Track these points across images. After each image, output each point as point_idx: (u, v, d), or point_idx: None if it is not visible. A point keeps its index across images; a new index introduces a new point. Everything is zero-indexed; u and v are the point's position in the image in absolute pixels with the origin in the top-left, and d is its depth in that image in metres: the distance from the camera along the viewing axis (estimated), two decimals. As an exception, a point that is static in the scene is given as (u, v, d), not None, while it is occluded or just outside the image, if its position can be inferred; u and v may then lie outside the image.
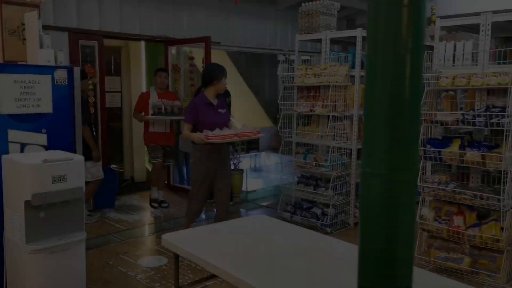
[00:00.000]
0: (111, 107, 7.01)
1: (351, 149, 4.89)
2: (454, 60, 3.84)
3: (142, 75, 7.30)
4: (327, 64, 4.93)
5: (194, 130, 3.91)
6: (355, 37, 4.80)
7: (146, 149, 5.74)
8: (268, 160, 8.73)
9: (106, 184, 5.53)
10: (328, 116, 4.76)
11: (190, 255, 2.19)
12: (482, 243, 3.50)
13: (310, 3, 5.22)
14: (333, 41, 5.29)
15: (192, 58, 6.61)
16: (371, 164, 0.95)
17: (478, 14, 3.71)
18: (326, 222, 4.78)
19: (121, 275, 3.74)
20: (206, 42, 5.88)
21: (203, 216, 5.60)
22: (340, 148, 4.87)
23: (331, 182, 4.73)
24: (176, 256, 2.34)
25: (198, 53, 6.56)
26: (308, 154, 5.09)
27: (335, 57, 4.98)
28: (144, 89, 7.33)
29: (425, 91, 3.88)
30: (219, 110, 4.02)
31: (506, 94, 3.44)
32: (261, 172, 8.09)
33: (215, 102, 4.00)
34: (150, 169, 6.53)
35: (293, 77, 5.17)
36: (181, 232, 2.68)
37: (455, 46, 3.84)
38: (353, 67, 4.85)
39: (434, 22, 4.65)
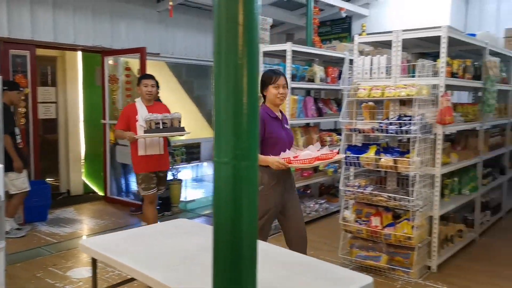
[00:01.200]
0: (46, 118, 6.84)
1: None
2: (371, 73, 4.16)
3: (78, 86, 7.20)
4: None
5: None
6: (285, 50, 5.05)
7: (136, 178, 4.50)
8: (210, 170, 8.83)
9: (37, 197, 5.38)
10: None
11: (106, 258, 2.24)
12: (396, 241, 3.78)
13: (244, 17, 5.42)
14: (267, 54, 5.51)
15: (128, 69, 6.61)
16: (219, 154, 1.12)
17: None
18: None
19: (48, 287, 3.68)
20: (142, 52, 5.92)
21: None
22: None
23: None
24: (94, 260, 2.38)
25: (136, 64, 6.58)
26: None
27: (266, 70, 5.17)
28: (81, 99, 7.20)
29: (345, 101, 4.17)
30: (285, 126, 3.36)
31: (414, 104, 3.77)
32: (202, 182, 8.17)
33: (279, 116, 3.32)
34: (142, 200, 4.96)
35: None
36: (100, 237, 2.71)
37: (371, 60, 4.17)
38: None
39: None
